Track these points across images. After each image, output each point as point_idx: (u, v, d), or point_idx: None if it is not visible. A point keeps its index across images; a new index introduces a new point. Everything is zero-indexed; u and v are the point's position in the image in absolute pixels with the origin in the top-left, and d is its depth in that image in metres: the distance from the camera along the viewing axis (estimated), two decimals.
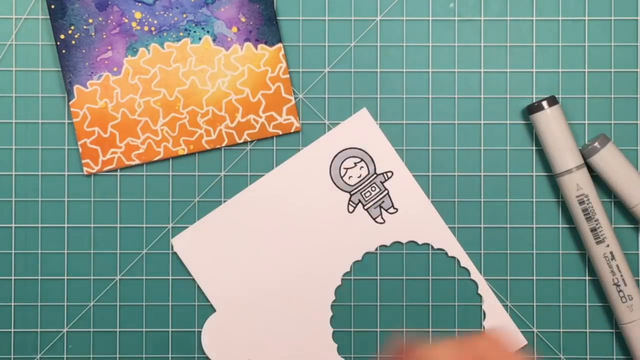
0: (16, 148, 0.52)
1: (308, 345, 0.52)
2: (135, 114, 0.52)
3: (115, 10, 0.52)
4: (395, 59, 0.53)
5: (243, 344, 0.52)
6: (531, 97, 0.53)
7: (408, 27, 0.53)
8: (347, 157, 0.53)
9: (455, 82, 0.53)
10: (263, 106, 0.52)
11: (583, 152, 0.51)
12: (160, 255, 0.53)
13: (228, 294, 0.52)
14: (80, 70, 0.52)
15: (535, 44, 0.53)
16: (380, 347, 0.53)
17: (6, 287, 0.52)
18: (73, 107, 0.52)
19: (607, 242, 0.51)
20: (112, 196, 0.53)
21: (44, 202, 0.52)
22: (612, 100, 0.53)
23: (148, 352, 0.53)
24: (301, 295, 0.52)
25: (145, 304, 0.53)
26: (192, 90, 0.52)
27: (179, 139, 0.52)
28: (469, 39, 0.53)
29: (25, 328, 0.53)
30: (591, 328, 0.53)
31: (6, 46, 0.52)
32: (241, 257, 0.52)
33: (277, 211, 0.52)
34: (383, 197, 0.52)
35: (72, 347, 0.53)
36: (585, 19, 0.53)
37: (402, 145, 0.53)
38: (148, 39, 0.52)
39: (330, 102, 0.53)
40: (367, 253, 0.53)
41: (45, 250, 0.52)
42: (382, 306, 0.53)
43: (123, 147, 0.52)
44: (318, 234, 0.52)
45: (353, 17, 0.53)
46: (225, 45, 0.52)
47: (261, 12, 0.52)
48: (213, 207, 0.52)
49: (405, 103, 0.53)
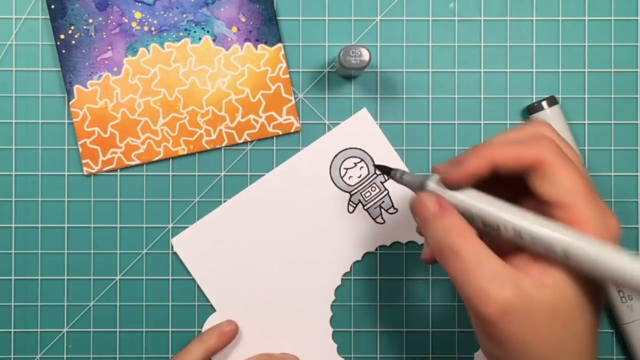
0: (16, 148, 0.52)
1: (308, 345, 0.52)
2: (135, 114, 0.52)
3: (115, 10, 0.52)
4: (395, 59, 0.53)
5: (243, 343, 0.52)
6: (531, 97, 0.53)
7: (408, 27, 0.53)
8: (347, 157, 0.53)
9: (455, 82, 0.53)
10: (263, 106, 0.52)
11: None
12: (160, 255, 0.53)
13: (228, 294, 0.52)
14: (80, 70, 0.52)
15: (535, 44, 0.53)
16: (380, 347, 0.53)
17: (6, 287, 0.52)
18: (73, 107, 0.52)
19: None
20: (112, 196, 0.53)
21: (44, 202, 0.52)
22: (612, 100, 0.53)
23: (148, 352, 0.53)
24: (301, 295, 0.52)
25: (145, 304, 0.53)
26: (192, 90, 0.52)
27: (179, 139, 0.52)
28: (469, 39, 0.53)
29: (25, 328, 0.53)
30: None
31: (6, 46, 0.52)
32: (241, 257, 0.52)
33: (277, 211, 0.52)
34: (383, 197, 0.52)
35: (72, 347, 0.53)
36: (585, 19, 0.53)
37: (402, 145, 0.53)
38: (148, 39, 0.52)
39: (330, 102, 0.53)
40: (367, 253, 0.53)
41: (45, 250, 0.52)
42: (382, 306, 0.53)
43: (123, 147, 0.52)
44: (318, 234, 0.52)
45: (353, 17, 0.53)
46: (225, 45, 0.52)
47: (261, 12, 0.52)
48: (213, 207, 0.52)
49: (405, 103, 0.53)
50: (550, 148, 0.38)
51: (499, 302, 0.36)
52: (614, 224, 0.37)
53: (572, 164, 0.38)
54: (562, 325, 0.37)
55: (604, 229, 0.37)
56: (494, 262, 0.37)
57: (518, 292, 0.36)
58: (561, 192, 0.37)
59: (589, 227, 0.36)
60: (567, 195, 0.37)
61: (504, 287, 0.36)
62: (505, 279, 0.36)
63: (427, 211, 0.39)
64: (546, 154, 0.37)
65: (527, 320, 0.36)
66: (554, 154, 0.37)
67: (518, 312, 0.36)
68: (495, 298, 0.36)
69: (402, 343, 0.53)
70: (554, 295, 0.37)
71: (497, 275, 0.36)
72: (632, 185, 0.53)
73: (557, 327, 0.37)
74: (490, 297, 0.36)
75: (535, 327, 0.36)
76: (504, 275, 0.36)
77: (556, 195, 0.37)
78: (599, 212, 0.37)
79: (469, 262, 0.37)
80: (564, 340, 0.37)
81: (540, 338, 0.37)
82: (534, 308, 0.36)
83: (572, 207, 0.37)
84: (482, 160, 0.38)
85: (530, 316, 0.36)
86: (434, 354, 0.53)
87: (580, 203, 0.37)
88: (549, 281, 0.37)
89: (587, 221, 0.37)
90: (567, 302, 0.37)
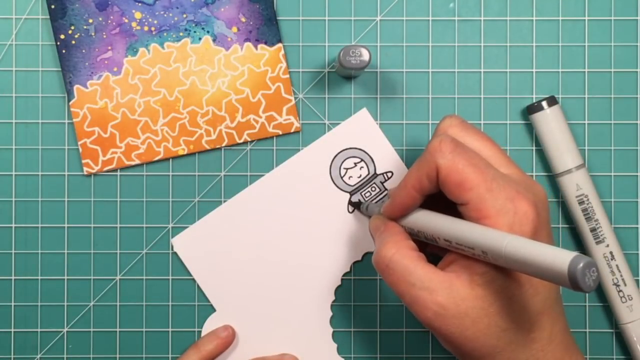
0: (16, 148, 0.52)
1: (308, 345, 0.52)
2: (135, 114, 0.52)
3: (115, 10, 0.52)
4: (395, 59, 0.53)
5: (242, 343, 0.52)
6: (531, 97, 0.53)
7: (408, 27, 0.53)
8: (347, 157, 0.53)
9: (455, 82, 0.53)
10: (263, 106, 0.52)
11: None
12: (160, 255, 0.53)
13: (228, 294, 0.52)
14: (80, 70, 0.52)
15: (535, 44, 0.53)
16: (380, 347, 0.53)
17: (6, 287, 0.52)
18: (73, 107, 0.52)
19: (607, 242, 0.51)
20: (112, 196, 0.53)
21: (44, 202, 0.52)
22: (612, 100, 0.53)
23: (148, 352, 0.53)
24: (301, 295, 0.52)
25: (145, 304, 0.53)
26: (192, 90, 0.52)
27: (179, 139, 0.52)
28: (469, 39, 0.53)
29: (25, 328, 0.53)
30: (591, 328, 0.53)
31: (6, 46, 0.52)
32: (241, 257, 0.52)
33: (277, 211, 0.52)
34: (383, 197, 0.52)
35: (72, 347, 0.53)
36: (585, 19, 0.53)
37: (402, 145, 0.53)
38: (148, 39, 0.52)
39: (330, 102, 0.53)
40: (367, 253, 0.53)
41: (45, 250, 0.52)
42: (382, 306, 0.53)
43: (123, 147, 0.52)
44: (318, 234, 0.52)
45: (353, 17, 0.53)
46: (225, 45, 0.52)
47: (261, 12, 0.52)
48: (213, 207, 0.52)
49: (405, 103, 0.53)
50: (444, 150, 0.40)
51: (433, 307, 0.39)
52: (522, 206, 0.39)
53: (468, 159, 0.40)
54: (500, 316, 0.39)
55: (512, 215, 0.39)
56: (425, 270, 0.40)
57: (450, 294, 0.39)
58: (463, 192, 0.40)
59: (497, 219, 0.39)
60: (469, 193, 0.39)
61: (436, 293, 0.39)
62: (437, 285, 0.39)
63: (374, 228, 0.45)
64: (439, 160, 0.40)
65: (463, 319, 0.39)
66: (449, 154, 0.40)
67: (452, 313, 0.39)
68: (428, 304, 0.39)
69: (402, 343, 0.53)
70: (485, 291, 0.39)
71: (428, 283, 0.39)
72: (632, 185, 0.53)
73: (495, 319, 0.39)
74: (424, 303, 0.39)
75: (473, 323, 0.39)
76: (435, 281, 0.39)
77: (460, 196, 0.40)
78: (504, 200, 0.39)
79: (402, 274, 0.40)
80: (508, 329, 0.39)
81: (482, 332, 0.39)
82: (469, 306, 0.39)
83: (477, 203, 0.39)
84: (403, 192, 0.42)
85: (466, 314, 0.39)
86: (434, 354, 0.53)
87: (483, 198, 0.39)
88: (478, 279, 0.39)
89: (493, 214, 0.39)
90: (499, 293, 0.39)
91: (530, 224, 0.39)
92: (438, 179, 0.40)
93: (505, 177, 0.40)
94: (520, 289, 0.39)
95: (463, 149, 0.40)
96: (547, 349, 0.40)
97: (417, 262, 0.41)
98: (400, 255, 0.41)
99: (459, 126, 0.43)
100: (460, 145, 0.40)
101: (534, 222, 0.39)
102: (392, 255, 0.41)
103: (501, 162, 0.42)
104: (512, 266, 0.36)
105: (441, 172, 0.40)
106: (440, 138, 0.40)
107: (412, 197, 0.42)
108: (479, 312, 0.39)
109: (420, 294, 0.40)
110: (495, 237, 0.36)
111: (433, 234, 0.41)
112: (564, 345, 0.41)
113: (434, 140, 0.41)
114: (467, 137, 0.43)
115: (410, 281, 0.40)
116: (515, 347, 0.40)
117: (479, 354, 0.40)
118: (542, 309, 0.40)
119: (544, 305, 0.40)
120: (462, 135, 0.43)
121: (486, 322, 0.39)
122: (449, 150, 0.40)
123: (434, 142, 0.40)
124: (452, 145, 0.40)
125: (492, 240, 0.36)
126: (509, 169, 0.42)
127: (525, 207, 0.39)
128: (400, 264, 0.41)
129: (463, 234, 0.39)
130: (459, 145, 0.40)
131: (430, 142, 0.41)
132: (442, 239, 0.40)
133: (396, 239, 0.42)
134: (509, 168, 0.42)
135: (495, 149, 0.43)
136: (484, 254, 0.37)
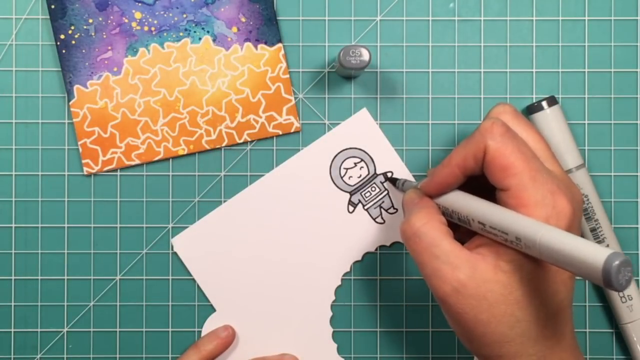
0: (16, 148, 0.52)
1: (308, 345, 0.52)
2: (135, 114, 0.52)
3: (115, 10, 0.52)
4: (395, 59, 0.53)
5: (242, 343, 0.52)
6: (531, 97, 0.53)
7: (408, 27, 0.53)
8: (347, 157, 0.53)
9: (455, 82, 0.53)
10: (263, 106, 0.52)
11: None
12: (160, 255, 0.53)
13: (228, 294, 0.52)
14: (80, 70, 0.52)
15: (535, 44, 0.53)
16: (380, 347, 0.53)
17: (6, 287, 0.52)
18: (73, 107, 0.52)
19: (607, 242, 0.51)
20: (112, 196, 0.53)
21: (44, 202, 0.52)
22: (612, 100, 0.53)
23: (148, 352, 0.53)
24: (301, 295, 0.52)
25: (145, 304, 0.53)
26: (192, 90, 0.52)
27: (179, 139, 0.52)
28: (469, 39, 0.53)
29: (25, 328, 0.53)
30: (591, 328, 0.53)
31: (6, 46, 0.52)
32: (241, 257, 0.52)
33: (277, 211, 0.52)
34: (383, 197, 0.52)
35: (72, 347, 0.53)
36: (585, 19, 0.53)
37: (402, 145, 0.53)
38: (148, 39, 0.52)
39: (330, 102, 0.53)
40: (367, 253, 0.53)
41: (45, 250, 0.52)
42: (382, 306, 0.53)
43: (123, 147, 0.52)
44: (318, 234, 0.52)
45: (353, 17, 0.53)
46: (225, 45, 0.52)
47: (261, 12, 0.52)
48: (213, 207, 0.52)
49: (405, 103, 0.53)
50: (495, 132, 0.40)
51: (453, 283, 0.39)
52: (561, 201, 0.39)
53: (517, 145, 0.40)
54: (518, 306, 0.39)
55: (550, 208, 0.39)
56: (452, 246, 0.40)
57: (472, 274, 0.39)
58: (507, 177, 0.40)
59: (535, 209, 0.39)
60: (512, 179, 0.39)
61: (459, 269, 0.39)
62: (461, 263, 0.39)
63: (409, 200, 0.45)
64: (489, 141, 0.40)
65: (480, 301, 0.39)
66: (499, 137, 0.40)
67: (471, 292, 0.39)
68: (449, 278, 0.39)
69: (402, 343, 0.53)
70: (509, 278, 0.39)
71: (453, 258, 0.39)
72: (632, 185, 0.53)
73: (513, 308, 0.39)
74: (444, 277, 0.39)
75: (489, 307, 0.39)
76: (460, 258, 0.39)
77: (503, 181, 0.40)
78: (545, 192, 0.39)
79: (428, 244, 0.40)
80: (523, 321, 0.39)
81: (496, 318, 0.39)
82: (489, 289, 0.39)
83: (518, 191, 0.39)
84: (447, 169, 0.42)
85: (484, 297, 0.39)
86: (434, 354, 0.53)
87: (525, 186, 0.39)
88: (504, 266, 0.39)
89: (532, 203, 0.39)
90: (522, 284, 0.39)
91: (566, 220, 0.39)
92: (484, 160, 0.40)
93: (548, 171, 0.40)
94: (543, 285, 0.39)
95: (513, 135, 0.40)
96: (555, 348, 0.40)
97: (445, 236, 0.40)
98: (429, 227, 0.41)
99: (511, 114, 0.43)
100: (510, 130, 0.41)
101: (569, 219, 0.39)
102: (421, 225, 0.41)
103: (546, 156, 0.42)
104: (544, 256, 0.35)
105: (489, 153, 0.40)
106: (493, 120, 0.40)
107: (454, 175, 0.42)
108: (498, 297, 0.39)
109: (442, 267, 0.40)
110: (532, 225, 0.36)
111: (468, 215, 0.41)
112: (571, 348, 0.41)
113: (486, 121, 0.41)
114: (517, 127, 0.43)
115: (434, 253, 0.40)
116: (526, 340, 0.40)
117: (488, 340, 0.40)
118: (558, 308, 0.40)
119: (560, 306, 0.40)
120: (514, 123, 0.43)
121: (502, 309, 0.39)
122: (499, 133, 0.40)
123: (486, 123, 0.40)
124: (504, 129, 0.40)
125: (528, 228, 0.36)
126: (552, 166, 0.42)
127: (564, 203, 0.39)
128: (429, 234, 0.41)
129: (499, 218, 0.39)
130: (510, 131, 0.40)
131: (482, 123, 0.41)
132: (477, 221, 0.40)
133: (429, 211, 0.42)
134: (553, 165, 0.42)
135: (542, 143, 0.43)
136: (517, 240, 0.37)
